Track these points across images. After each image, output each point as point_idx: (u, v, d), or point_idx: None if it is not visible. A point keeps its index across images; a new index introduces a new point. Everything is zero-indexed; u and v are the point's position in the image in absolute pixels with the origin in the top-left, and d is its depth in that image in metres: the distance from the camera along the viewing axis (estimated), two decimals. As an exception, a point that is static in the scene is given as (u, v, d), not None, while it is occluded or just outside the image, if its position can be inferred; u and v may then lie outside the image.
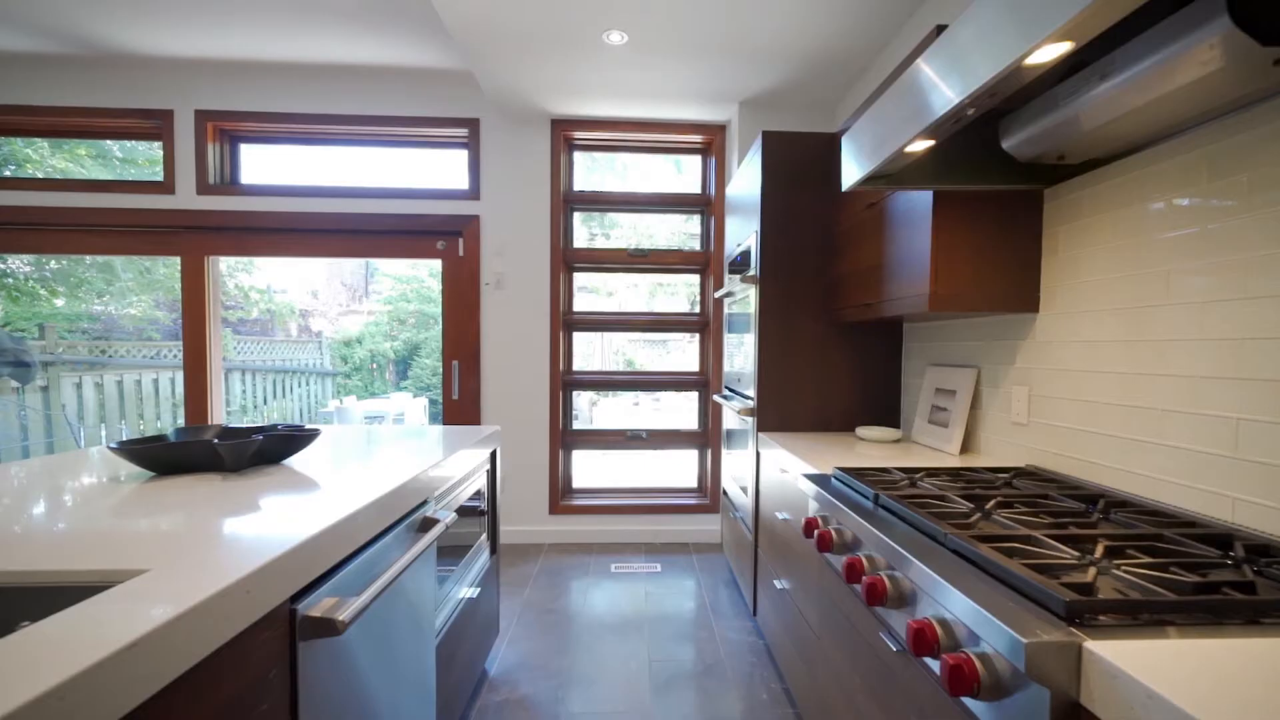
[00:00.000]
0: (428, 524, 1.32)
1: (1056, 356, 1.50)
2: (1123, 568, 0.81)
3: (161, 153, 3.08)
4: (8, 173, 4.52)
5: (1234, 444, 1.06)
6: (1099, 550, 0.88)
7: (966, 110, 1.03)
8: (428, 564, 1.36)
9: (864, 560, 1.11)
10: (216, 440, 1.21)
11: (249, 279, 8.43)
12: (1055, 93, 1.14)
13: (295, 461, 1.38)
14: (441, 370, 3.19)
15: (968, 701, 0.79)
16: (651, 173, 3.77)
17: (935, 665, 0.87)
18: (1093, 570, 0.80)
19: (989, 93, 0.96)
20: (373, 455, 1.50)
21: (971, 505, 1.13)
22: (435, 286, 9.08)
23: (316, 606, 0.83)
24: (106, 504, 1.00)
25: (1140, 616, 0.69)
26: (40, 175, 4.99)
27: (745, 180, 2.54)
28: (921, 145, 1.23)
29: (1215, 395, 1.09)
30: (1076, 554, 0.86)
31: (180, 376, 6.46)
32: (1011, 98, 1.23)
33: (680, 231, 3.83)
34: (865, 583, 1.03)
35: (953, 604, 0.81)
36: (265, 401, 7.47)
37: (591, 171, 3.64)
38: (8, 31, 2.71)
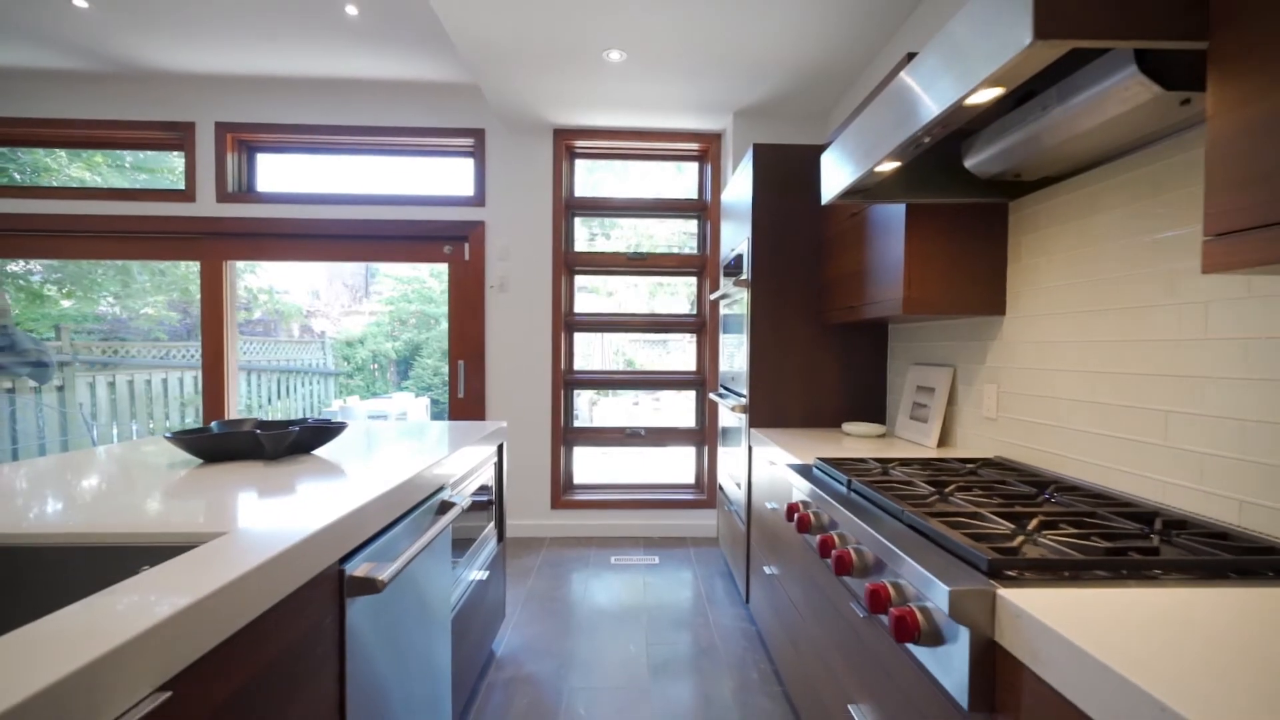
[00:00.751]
0: (444, 507, 1.45)
1: (1021, 356, 1.63)
2: (1049, 537, 0.95)
3: (178, 160, 3.22)
4: (16, 177, 4.67)
5: (1164, 434, 1.19)
6: (1033, 524, 1.01)
7: (922, 139, 1.17)
8: (444, 544, 1.49)
9: (835, 538, 1.25)
10: (258, 431, 1.34)
11: (256, 280, 8.57)
12: (1007, 119, 1.28)
13: (323, 451, 1.52)
14: (443, 370, 3.32)
15: (912, 648, 0.92)
16: (651, 173, 3.90)
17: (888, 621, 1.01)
18: (1020, 538, 0.93)
19: (939, 124, 1.09)
20: (391, 447, 1.63)
21: (933, 489, 1.27)
22: (436, 287, 9.22)
23: (360, 568, 0.97)
24: (175, 483, 1.14)
25: (1048, 572, 0.83)
26: (58, 183, 5.14)
27: (738, 188, 2.68)
28: (889, 166, 1.37)
29: (1151, 391, 1.22)
30: (1013, 527, 1.00)
31: (188, 376, 6.60)
32: (971, 123, 1.37)
33: (679, 231, 3.97)
34: (835, 556, 1.16)
35: (903, 568, 0.94)
36: (270, 401, 7.59)
37: (592, 172, 3.77)
38: (41, 50, 2.86)
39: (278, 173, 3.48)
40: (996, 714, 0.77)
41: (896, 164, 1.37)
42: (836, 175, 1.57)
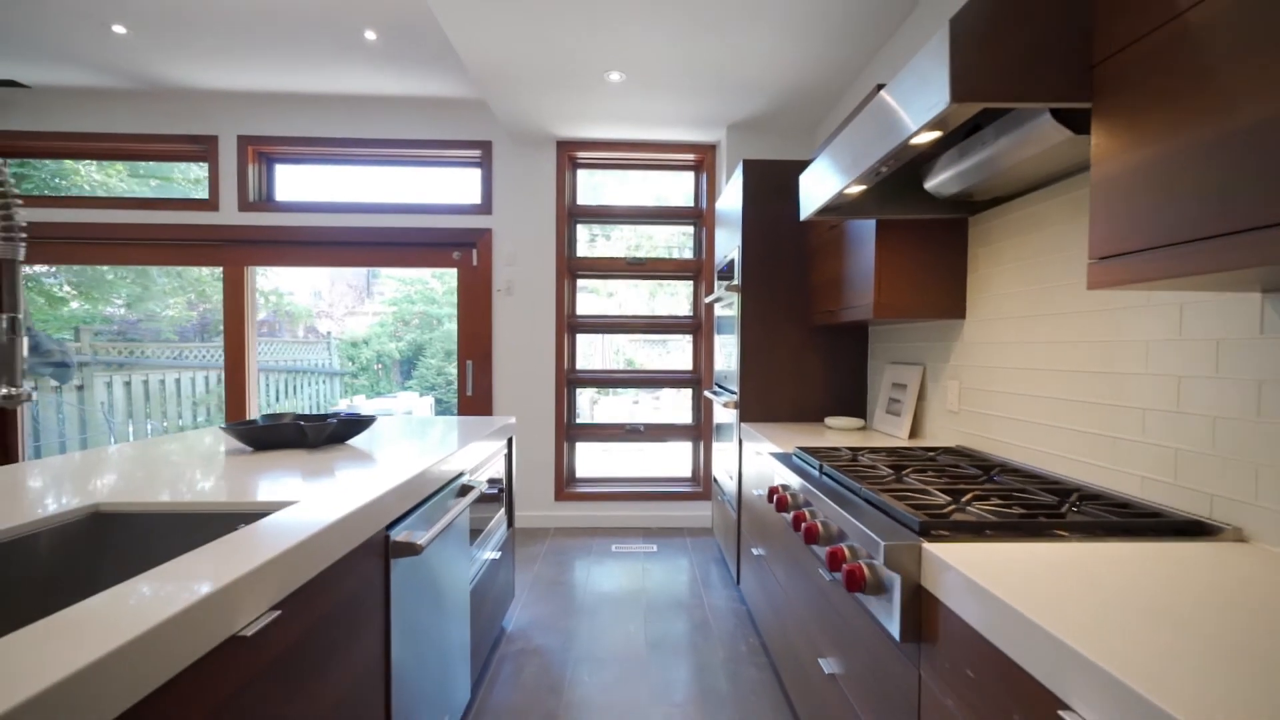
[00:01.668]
0: (464, 490, 1.64)
1: (979, 355, 1.82)
2: (978, 506, 1.13)
3: (186, 167, 3.41)
4: (60, 184, 4.85)
5: (1088, 422, 1.38)
6: (968, 497, 1.20)
7: (879, 169, 1.36)
8: (464, 523, 1.68)
9: (807, 513, 1.44)
10: (302, 423, 1.53)
11: (265, 282, 8.75)
12: (959, 149, 1.46)
13: (356, 441, 1.71)
14: (446, 370, 3.51)
15: (860, 597, 1.11)
16: (651, 176, 4.07)
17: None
18: (952, 507, 1.12)
19: (892, 158, 1.28)
20: (413, 439, 1.82)
21: (892, 472, 1.46)
22: (439, 288, 9.39)
23: (400, 535, 1.16)
24: (239, 466, 1.33)
25: (968, 532, 1.01)
26: (84, 188, 5.32)
27: (730, 199, 2.87)
28: (856, 189, 1.56)
29: (1080, 385, 1.41)
30: (950, 499, 1.18)
31: (199, 376, 6.78)
32: (929, 151, 1.56)
33: (677, 232, 4.14)
34: (805, 528, 1.35)
35: (854, 532, 1.13)
36: (277, 400, 7.77)
37: (594, 174, 3.94)
38: (75, 69, 3.05)
39: (296, 182, 3.67)
40: (922, 642, 0.96)
41: (863, 187, 1.55)
42: (812, 195, 1.76)
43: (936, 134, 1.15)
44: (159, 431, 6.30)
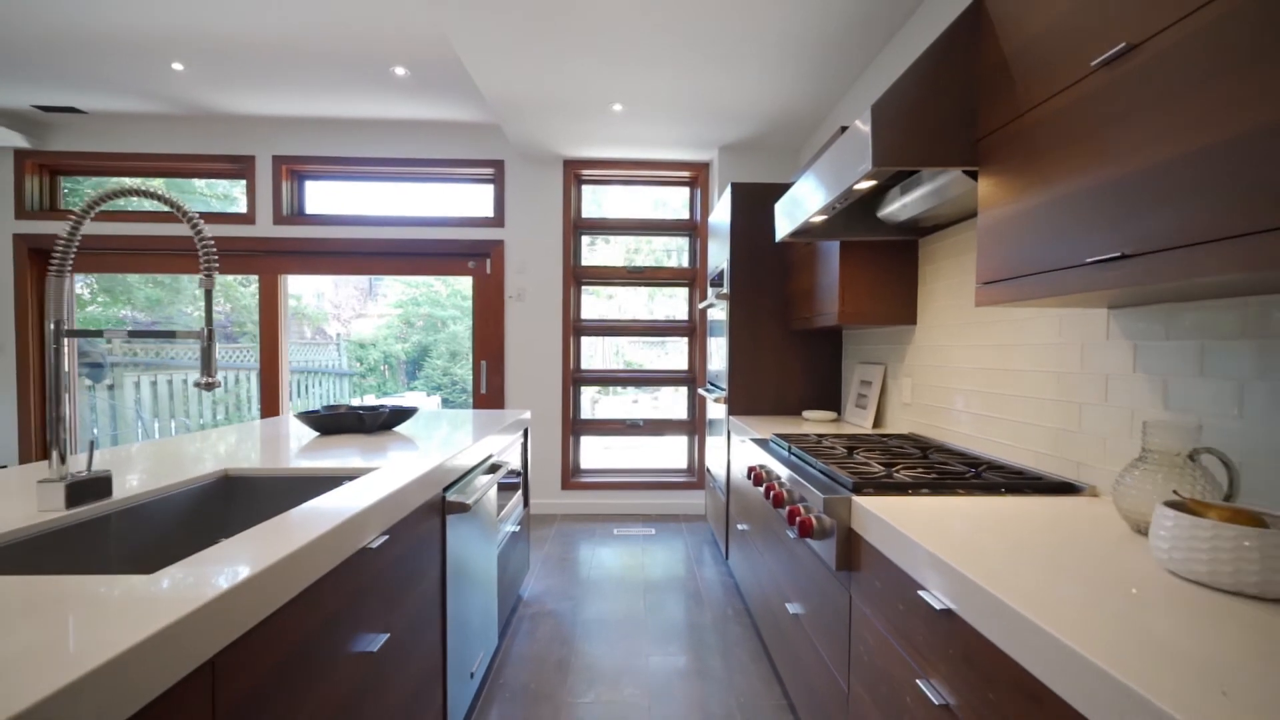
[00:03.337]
0: (493, 468, 1.97)
1: (926, 356, 2.15)
2: (903, 473, 1.46)
3: (221, 186, 3.73)
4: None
5: (1002, 410, 1.70)
6: (898, 467, 1.52)
7: (835, 205, 1.68)
8: (492, 497, 2.01)
9: (775, 483, 1.76)
10: (361, 412, 1.86)
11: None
12: (899, 187, 1.79)
13: (402, 428, 2.03)
14: (451, 370, 3.83)
15: (810, 542, 1.43)
16: (651, 184, 4.38)
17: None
18: (883, 474, 1.44)
19: (841, 199, 1.61)
20: (446, 427, 2.14)
21: (847, 451, 1.78)
22: (443, 291, 9.71)
23: (453, 495, 1.49)
24: (318, 445, 1.65)
25: (889, 490, 1.34)
26: (127, 204, 5.64)
27: (721, 214, 3.19)
28: (820, 218, 1.89)
29: (995, 381, 1.74)
30: (884, 469, 1.51)
31: (220, 377, 7.10)
32: (881, 186, 1.88)
33: (675, 236, 4.45)
34: (773, 495, 1.68)
35: (807, 493, 1.46)
36: (290, 399, 8.05)
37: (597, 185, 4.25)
38: (132, 98, 3.37)
39: (325, 197, 4.00)
40: (851, 570, 1.29)
41: (824, 217, 1.88)
42: (784, 221, 2.08)
43: (872, 182, 1.47)
44: (183, 428, 6.63)
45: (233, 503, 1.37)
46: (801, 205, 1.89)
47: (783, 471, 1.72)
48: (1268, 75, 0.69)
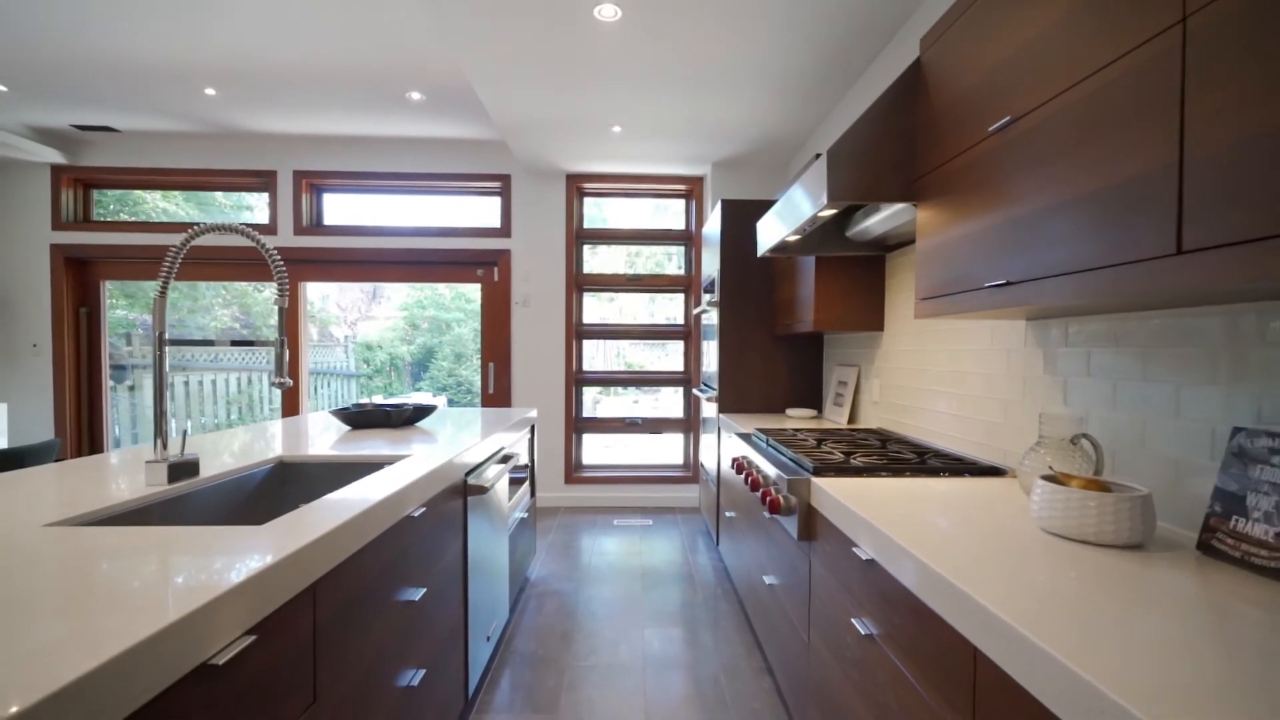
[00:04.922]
0: (505, 459, 2.21)
1: (892, 359, 2.39)
2: (859, 459, 1.70)
3: (246, 198, 3.99)
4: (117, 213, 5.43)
5: (950, 406, 1.95)
6: (856, 455, 1.77)
7: (806, 228, 1.93)
8: (504, 485, 2.25)
9: (753, 470, 2.01)
10: (388, 408, 2.11)
11: (288, 290, 9.26)
12: (862, 211, 2.04)
13: (423, 423, 2.28)
14: (457, 372, 4.06)
15: (779, 518, 1.68)
16: (650, 196, 4.63)
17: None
18: (841, 460, 1.69)
19: (809, 223, 1.86)
20: (461, 423, 2.39)
21: (816, 443, 2.03)
22: (447, 294, 9.97)
23: (474, 480, 1.73)
24: (352, 437, 1.90)
25: (845, 473, 1.58)
26: (149, 214, 5.91)
27: (712, 227, 3.44)
28: (795, 237, 2.14)
29: (946, 381, 1.98)
30: (844, 457, 1.75)
31: (233, 378, 7.33)
32: (848, 210, 2.13)
33: (672, 245, 4.71)
34: (751, 480, 1.92)
35: (775, 476, 1.70)
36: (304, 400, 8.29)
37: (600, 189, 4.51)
38: (160, 118, 3.63)
39: (342, 209, 4.25)
40: (811, 540, 1.53)
41: (798, 236, 2.13)
42: (764, 238, 2.33)
43: (834, 211, 1.72)
44: (199, 428, 6.88)
45: (287, 484, 1.62)
46: (778, 226, 2.14)
47: (760, 460, 1.96)
48: (1112, 145, 0.94)
